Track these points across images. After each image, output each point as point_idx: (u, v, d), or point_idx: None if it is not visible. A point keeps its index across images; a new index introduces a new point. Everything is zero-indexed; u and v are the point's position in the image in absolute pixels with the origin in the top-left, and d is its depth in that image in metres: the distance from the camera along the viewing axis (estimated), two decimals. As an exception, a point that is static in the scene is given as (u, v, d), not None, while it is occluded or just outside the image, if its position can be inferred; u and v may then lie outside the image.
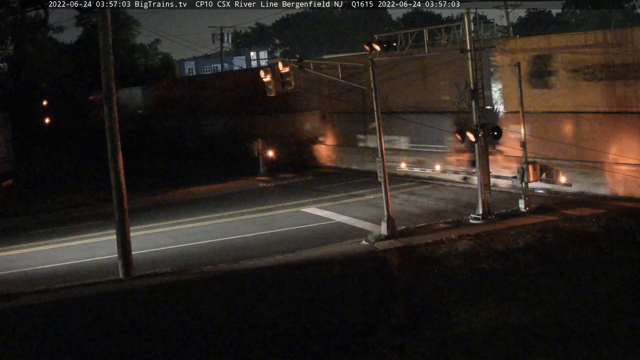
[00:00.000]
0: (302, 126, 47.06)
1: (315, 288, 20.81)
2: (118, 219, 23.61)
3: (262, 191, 38.92)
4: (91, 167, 53.37)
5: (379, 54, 26.63)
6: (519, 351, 15.08)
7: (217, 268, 23.49)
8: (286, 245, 25.78)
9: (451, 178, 34.95)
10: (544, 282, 19.17)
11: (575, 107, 29.71)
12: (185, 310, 19.84)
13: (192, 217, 32.74)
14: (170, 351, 17.13)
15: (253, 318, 18.75)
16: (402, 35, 27.71)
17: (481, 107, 27.02)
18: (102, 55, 23.24)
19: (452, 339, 16.08)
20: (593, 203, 27.89)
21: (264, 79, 27.99)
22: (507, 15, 57.13)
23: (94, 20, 69.14)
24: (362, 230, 27.05)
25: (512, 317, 16.97)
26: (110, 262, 24.74)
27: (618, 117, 28.26)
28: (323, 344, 16.74)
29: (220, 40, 77.92)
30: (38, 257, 27.53)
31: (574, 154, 29.43)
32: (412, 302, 19.10)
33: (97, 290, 22.09)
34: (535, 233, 24.23)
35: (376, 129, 26.20)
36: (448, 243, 24.00)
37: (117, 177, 23.54)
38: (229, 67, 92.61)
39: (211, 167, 51.36)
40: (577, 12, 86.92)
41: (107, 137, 23.50)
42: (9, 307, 20.82)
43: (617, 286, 18.35)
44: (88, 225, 33.01)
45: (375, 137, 28.38)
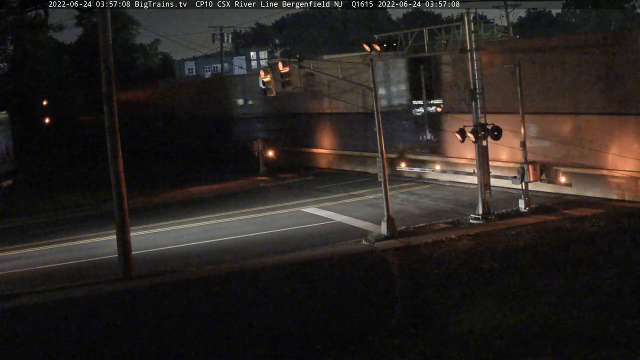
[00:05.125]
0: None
1: (315, 288, 20.81)
2: (118, 219, 23.61)
3: (262, 191, 38.91)
4: (91, 167, 53.33)
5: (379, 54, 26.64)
6: (519, 351, 15.08)
7: (217, 268, 23.49)
8: (286, 245, 25.76)
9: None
10: (543, 282, 19.17)
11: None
12: (185, 310, 19.85)
13: (192, 217, 32.72)
14: (170, 351, 17.14)
15: (253, 318, 18.76)
16: (402, 35, 27.71)
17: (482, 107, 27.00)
18: (102, 55, 23.24)
19: (452, 339, 16.08)
20: (593, 203, 27.89)
21: (263, 79, 27.98)
22: (507, 15, 57.05)
23: (94, 20, 69.14)
24: (362, 230, 27.05)
25: (512, 317, 16.96)
26: (110, 262, 24.75)
27: (617, 118, 28.25)
28: (323, 343, 16.75)
29: (220, 40, 77.89)
30: (38, 257, 27.53)
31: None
32: (412, 302, 19.12)
33: (97, 290, 22.10)
34: (535, 233, 24.24)
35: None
36: (448, 243, 24.01)
37: (117, 177, 23.54)
38: (229, 67, 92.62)
39: (211, 167, 51.32)
40: (577, 12, 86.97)
41: (107, 137, 23.50)
42: (9, 307, 20.83)
43: (617, 286, 18.35)
44: (88, 225, 33.01)
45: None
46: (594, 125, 28.93)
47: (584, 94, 29.08)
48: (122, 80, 62.77)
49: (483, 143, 26.92)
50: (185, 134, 60.14)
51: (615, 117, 28.29)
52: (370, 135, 35.18)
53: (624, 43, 28.02)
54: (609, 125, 28.47)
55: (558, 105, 30.01)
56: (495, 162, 29.51)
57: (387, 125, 31.81)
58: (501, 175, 29.89)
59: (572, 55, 29.44)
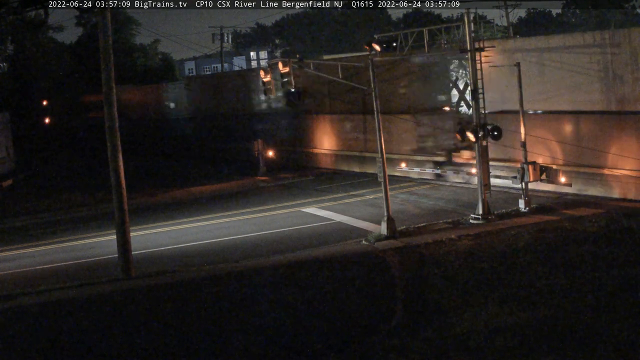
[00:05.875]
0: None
1: (315, 288, 20.80)
2: (118, 219, 23.61)
3: (262, 191, 38.91)
4: (91, 167, 53.36)
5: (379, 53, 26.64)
6: (519, 351, 15.08)
7: (217, 268, 23.48)
8: (286, 245, 25.77)
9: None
10: (544, 282, 19.17)
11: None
12: (184, 310, 19.85)
13: (192, 217, 32.73)
14: (170, 351, 17.14)
15: (253, 317, 18.76)
16: (402, 35, 27.71)
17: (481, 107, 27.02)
18: (102, 55, 23.24)
19: (452, 339, 16.08)
20: (593, 203, 27.89)
21: (263, 79, 28.01)
22: (507, 15, 57.08)
23: (94, 20, 69.16)
24: (362, 230, 27.05)
25: (512, 317, 16.96)
26: (110, 262, 24.75)
27: (617, 118, 28.27)
28: (323, 343, 16.75)
29: (220, 40, 77.98)
30: (38, 257, 27.54)
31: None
32: (412, 302, 19.11)
33: (97, 290, 22.10)
34: (535, 233, 24.24)
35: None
36: (448, 243, 24.00)
37: (117, 177, 23.54)
38: (229, 67, 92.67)
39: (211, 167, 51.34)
40: (577, 12, 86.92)
41: (107, 137, 23.50)
42: (9, 308, 20.83)
43: (617, 286, 18.35)
44: (88, 225, 33.02)
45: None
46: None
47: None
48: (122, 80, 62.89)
49: (483, 143, 26.95)
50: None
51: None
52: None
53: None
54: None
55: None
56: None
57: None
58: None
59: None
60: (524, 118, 27.83)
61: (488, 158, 27.49)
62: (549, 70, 30.41)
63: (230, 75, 68.77)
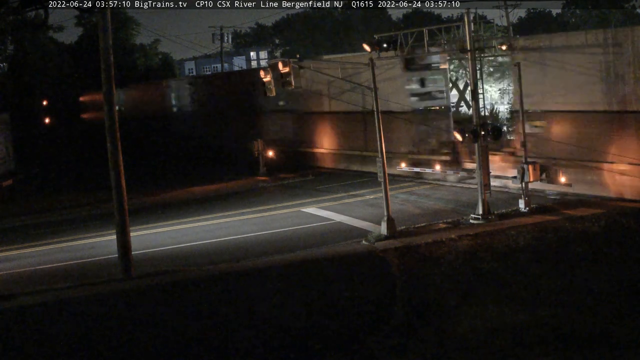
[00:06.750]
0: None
1: (315, 288, 20.81)
2: (118, 219, 23.60)
3: (262, 191, 38.92)
4: (91, 167, 53.35)
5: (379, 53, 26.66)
6: (519, 351, 15.09)
7: (217, 268, 23.48)
8: (286, 245, 25.76)
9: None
10: (544, 282, 19.18)
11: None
12: (185, 310, 19.85)
13: (192, 217, 32.72)
14: (171, 351, 17.15)
15: (253, 317, 18.76)
16: (402, 35, 27.69)
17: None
18: (102, 55, 23.23)
19: (452, 339, 16.09)
20: (593, 203, 27.89)
21: (263, 79, 27.97)
22: (507, 15, 57.00)
23: (94, 20, 69.20)
24: (362, 230, 27.05)
25: (512, 317, 16.97)
26: (110, 262, 24.74)
27: (618, 117, 28.25)
28: (323, 343, 16.76)
29: (220, 40, 77.97)
30: (38, 257, 27.53)
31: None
32: (412, 302, 19.12)
33: (97, 290, 22.09)
34: (536, 233, 24.24)
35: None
36: (448, 243, 24.00)
37: (117, 177, 23.54)
38: (229, 67, 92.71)
39: (210, 167, 51.36)
40: (577, 12, 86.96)
41: (107, 137, 23.48)
42: (9, 307, 20.83)
43: (617, 286, 18.36)
44: (88, 225, 33.01)
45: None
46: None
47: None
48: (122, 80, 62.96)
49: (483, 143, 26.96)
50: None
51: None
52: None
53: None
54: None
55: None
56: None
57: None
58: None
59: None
60: (523, 118, 27.86)
61: (488, 158, 27.48)
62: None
63: (230, 75, 68.82)
